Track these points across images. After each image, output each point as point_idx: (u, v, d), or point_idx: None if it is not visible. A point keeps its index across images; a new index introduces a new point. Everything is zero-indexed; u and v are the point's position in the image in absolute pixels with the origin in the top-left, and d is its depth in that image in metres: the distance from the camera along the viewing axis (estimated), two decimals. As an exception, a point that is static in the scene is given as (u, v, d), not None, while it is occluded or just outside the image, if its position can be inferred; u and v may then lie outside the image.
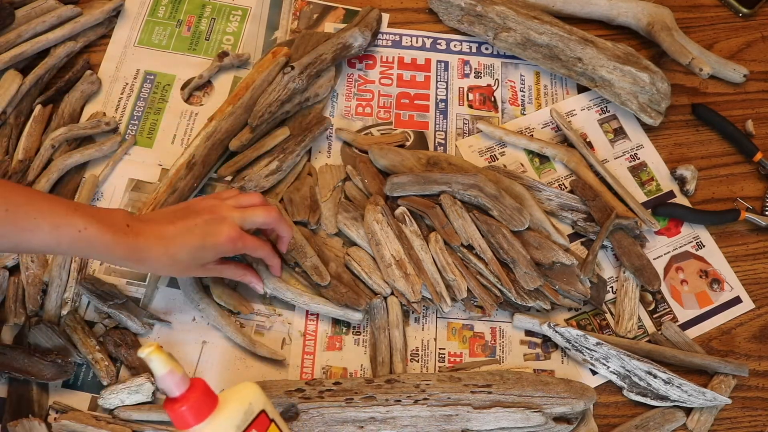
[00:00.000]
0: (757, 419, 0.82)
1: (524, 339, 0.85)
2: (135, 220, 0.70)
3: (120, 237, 0.67)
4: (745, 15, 1.08)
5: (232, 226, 0.73)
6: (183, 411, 0.59)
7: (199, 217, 0.72)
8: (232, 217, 0.74)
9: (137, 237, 0.69)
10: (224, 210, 0.74)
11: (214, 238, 0.72)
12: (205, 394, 0.60)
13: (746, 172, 0.97)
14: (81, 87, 0.92)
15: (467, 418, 0.76)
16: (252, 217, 0.75)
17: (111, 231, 0.67)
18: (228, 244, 0.73)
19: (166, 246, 0.70)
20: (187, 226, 0.71)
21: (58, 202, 0.67)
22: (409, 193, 0.87)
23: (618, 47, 0.98)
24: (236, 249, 0.74)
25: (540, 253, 0.85)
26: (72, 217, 0.65)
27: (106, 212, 0.69)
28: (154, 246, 0.69)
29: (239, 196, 0.78)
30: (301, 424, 0.74)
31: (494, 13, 1.00)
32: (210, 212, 0.73)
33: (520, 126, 0.97)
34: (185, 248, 0.71)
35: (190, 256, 0.71)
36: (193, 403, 0.59)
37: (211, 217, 0.73)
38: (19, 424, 0.72)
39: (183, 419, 0.59)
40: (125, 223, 0.69)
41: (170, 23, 1.01)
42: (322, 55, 0.94)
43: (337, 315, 0.82)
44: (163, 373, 0.58)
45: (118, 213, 0.70)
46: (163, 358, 0.58)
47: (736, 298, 0.88)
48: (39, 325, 0.77)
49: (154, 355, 0.58)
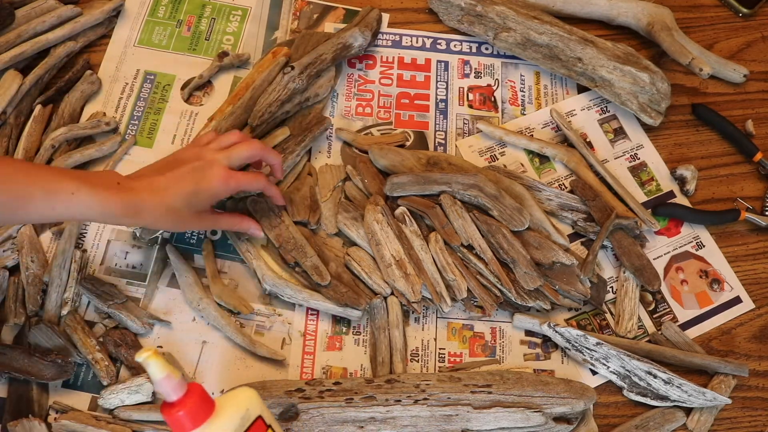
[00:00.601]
0: (757, 419, 0.82)
1: (524, 339, 0.85)
2: (125, 178, 0.72)
3: (113, 194, 0.69)
4: (745, 15, 1.08)
5: (221, 167, 0.75)
6: (180, 416, 0.58)
7: (187, 164, 0.74)
8: (218, 158, 0.76)
9: (130, 192, 0.70)
10: (209, 154, 0.76)
11: (207, 182, 0.74)
12: (202, 399, 0.60)
13: (746, 172, 0.97)
14: (81, 87, 0.92)
15: (467, 418, 0.76)
16: (237, 153, 0.77)
17: (103, 190, 0.68)
18: (221, 185, 0.75)
19: (160, 197, 0.71)
20: (177, 175, 0.73)
21: (47, 169, 0.69)
22: (409, 193, 0.87)
23: (618, 47, 0.98)
24: (230, 188, 0.76)
25: (540, 253, 0.85)
26: (63, 182, 0.67)
27: (96, 174, 0.72)
28: (147, 198, 0.71)
29: (219, 138, 0.80)
30: (301, 424, 0.74)
31: (494, 13, 1.00)
32: (197, 158, 0.75)
33: (520, 126, 0.97)
34: (179, 196, 0.72)
35: (185, 203, 0.73)
36: (190, 408, 0.59)
37: (199, 163, 0.75)
38: (19, 424, 0.72)
39: (180, 424, 0.59)
40: (116, 181, 0.70)
41: (170, 23, 1.01)
42: (322, 55, 0.94)
43: (336, 312, 0.82)
44: (161, 377, 0.58)
45: (107, 173, 0.72)
46: (160, 362, 0.58)
47: (736, 298, 0.88)
48: (39, 325, 0.77)
49: (151, 359, 0.58)
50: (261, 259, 0.83)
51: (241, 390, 0.65)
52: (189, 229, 0.82)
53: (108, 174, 0.72)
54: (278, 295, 0.82)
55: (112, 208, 0.69)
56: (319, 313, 0.84)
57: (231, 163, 0.76)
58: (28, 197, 0.65)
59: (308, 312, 0.84)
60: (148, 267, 0.84)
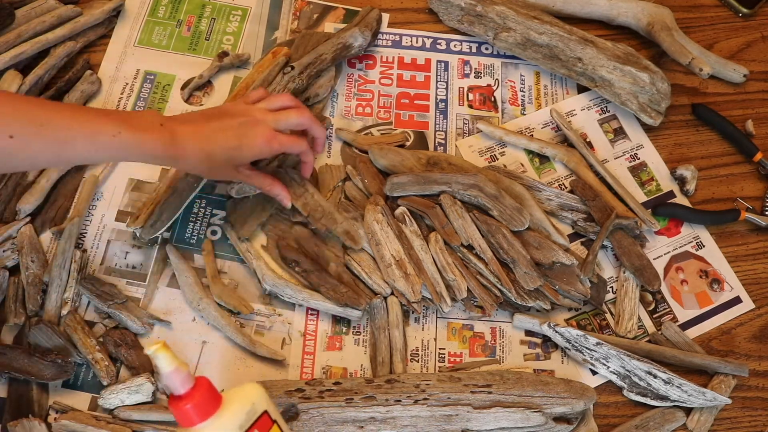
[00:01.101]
0: (757, 419, 0.82)
1: (524, 339, 0.85)
2: (168, 119, 0.72)
3: (156, 134, 0.69)
4: (745, 15, 1.08)
5: (267, 127, 0.75)
6: (187, 409, 0.59)
7: (234, 119, 0.74)
8: (265, 119, 0.76)
9: (173, 134, 0.70)
10: (258, 113, 0.76)
11: (250, 139, 0.74)
12: (210, 392, 0.60)
13: (746, 172, 0.97)
14: (81, 87, 0.92)
15: (467, 418, 0.76)
16: (285, 119, 0.78)
17: (145, 131, 0.68)
18: (264, 145, 0.75)
19: (202, 144, 0.72)
20: (223, 126, 0.73)
21: (88, 111, 0.69)
22: (409, 193, 0.87)
23: (618, 47, 0.98)
24: (272, 149, 0.76)
25: (540, 253, 0.85)
26: (105, 124, 0.67)
27: (137, 114, 0.71)
28: (190, 143, 0.71)
29: (270, 99, 0.79)
30: (301, 424, 0.74)
31: (494, 13, 1.00)
32: (244, 114, 0.75)
33: (520, 126, 0.97)
34: (221, 147, 0.72)
35: (226, 155, 0.73)
36: (198, 401, 0.59)
37: (246, 120, 0.75)
38: (19, 424, 0.72)
39: (187, 417, 0.59)
40: (159, 122, 0.70)
41: (170, 23, 1.01)
42: (322, 55, 0.94)
43: (336, 312, 0.82)
44: (169, 370, 0.58)
45: (149, 113, 0.72)
46: (169, 355, 0.58)
47: (736, 298, 0.88)
48: (39, 325, 0.77)
49: (160, 352, 0.58)
50: (261, 259, 0.83)
51: (248, 385, 0.65)
52: (223, 179, 0.83)
53: (150, 114, 0.71)
54: (278, 295, 0.82)
55: (154, 150, 0.69)
56: (319, 313, 0.84)
57: (278, 126, 0.77)
58: (70, 141, 0.66)
59: (308, 312, 0.84)
60: (148, 267, 0.84)
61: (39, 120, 0.64)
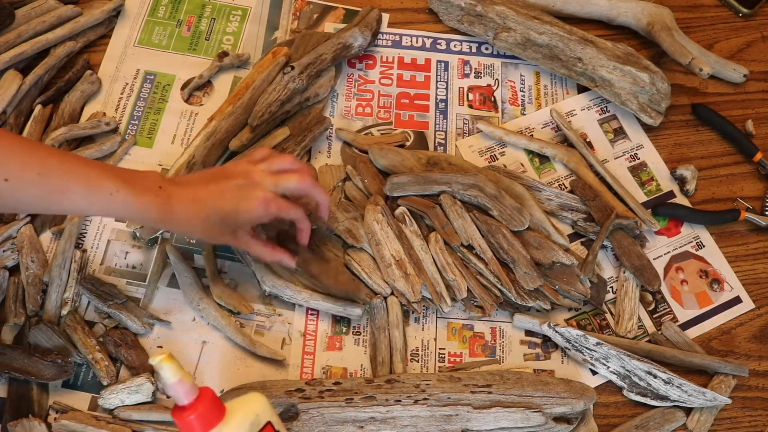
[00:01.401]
0: (757, 419, 0.82)
1: (524, 339, 0.85)
2: (167, 182, 0.70)
3: (152, 198, 0.68)
4: (745, 15, 1.08)
5: (265, 191, 0.73)
6: (191, 420, 0.59)
7: (232, 180, 0.72)
8: (264, 181, 0.73)
9: (170, 199, 0.69)
10: (257, 175, 0.74)
11: (247, 202, 0.72)
12: (213, 403, 0.60)
13: (746, 172, 0.97)
14: (81, 87, 0.92)
15: (467, 418, 0.76)
16: (285, 182, 0.75)
17: (143, 193, 0.67)
18: (260, 209, 0.72)
19: (199, 209, 0.70)
20: (220, 189, 0.71)
21: (90, 164, 0.67)
22: (409, 193, 0.87)
23: (618, 47, 0.98)
24: (269, 213, 0.73)
25: (540, 253, 0.85)
26: (104, 181, 0.65)
27: (139, 174, 0.69)
28: (186, 208, 0.69)
29: (272, 159, 0.76)
30: (301, 424, 0.74)
31: (494, 13, 1.00)
32: (243, 176, 0.73)
33: (520, 126, 0.97)
34: (218, 211, 0.71)
35: (222, 220, 0.71)
36: (201, 412, 0.59)
37: (245, 182, 0.72)
38: (19, 424, 0.72)
39: (191, 427, 0.59)
40: (157, 185, 0.69)
41: (170, 23, 1.01)
42: (322, 55, 0.94)
43: (336, 311, 0.82)
44: (174, 381, 0.58)
45: (150, 174, 0.70)
46: (174, 366, 0.58)
47: (736, 298, 0.88)
48: (39, 325, 0.77)
49: (165, 363, 0.58)
50: (261, 259, 0.83)
51: (251, 395, 0.65)
52: (222, 243, 0.80)
53: (150, 176, 0.70)
54: (278, 295, 0.82)
55: (151, 213, 0.68)
56: (319, 313, 0.84)
57: (277, 189, 0.74)
58: (67, 192, 0.64)
59: (308, 312, 0.84)
60: (148, 267, 0.84)
61: (38, 167, 0.63)
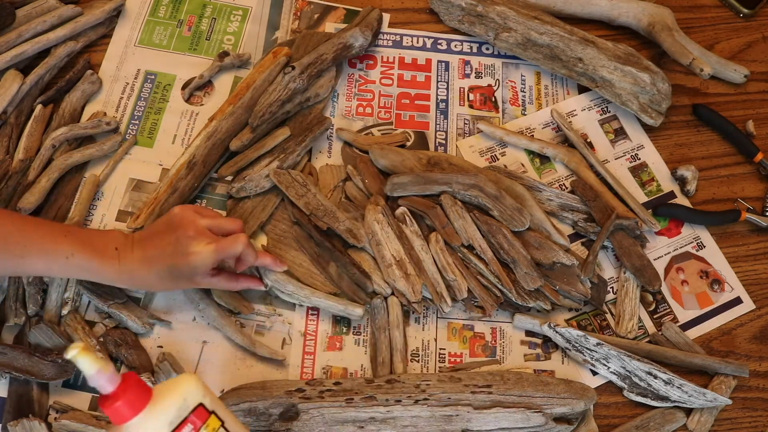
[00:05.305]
0: (758, 420, 0.82)
1: (524, 339, 0.84)
2: (124, 243, 0.73)
3: (107, 260, 0.71)
4: (746, 15, 1.08)
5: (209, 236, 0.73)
6: (117, 406, 0.59)
7: (174, 233, 0.73)
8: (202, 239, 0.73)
9: (123, 261, 0.72)
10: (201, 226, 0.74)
11: (185, 258, 0.72)
12: (138, 388, 0.60)
13: (747, 172, 0.97)
14: (82, 87, 0.92)
15: (467, 419, 0.76)
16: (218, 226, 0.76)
17: (97, 256, 0.70)
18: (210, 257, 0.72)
19: (149, 266, 0.72)
20: (164, 244, 0.73)
21: (48, 228, 0.70)
22: (409, 194, 0.87)
23: (619, 47, 0.98)
24: (216, 260, 0.73)
25: (540, 253, 0.85)
26: (60, 245, 0.69)
27: (97, 236, 0.72)
28: (139, 268, 0.72)
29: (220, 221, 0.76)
30: (302, 424, 0.74)
31: (495, 13, 1.00)
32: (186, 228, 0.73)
33: (520, 126, 0.97)
34: (167, 266, 0.73)
35: (171, 273, 0.73)
36: (127, 398, 0.59)
37: (185, 235, 0.73)
38: (20, 424, 0.72)
39: (118, 414, 0.59)
40: (114, 246, 0.72)
41: (171, 23, 1.01)
42: (323, 55, 0.94)
43: (337, 310, 0.82)
44: (92, 372, 0.58)
45: (109, 235, 0.73)
46: (90, 357, 0.58)
47: (737, 299, 0.88)
48: (39, 325, 0.77)
49: (80, 356, 0.58)
50: (261, 259, 0.83)
51: (182, 377, 0.64)
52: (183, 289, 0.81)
53: (108, 236, 0.73)
54: (280, 291, 0.82)
55: (106, 274, 0.71)
56: (319, 313, 0.84)
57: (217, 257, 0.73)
58: (27, 257, 0.68)
59: (308, 312, 0.84)
60: (148, 267, 0.84)
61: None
